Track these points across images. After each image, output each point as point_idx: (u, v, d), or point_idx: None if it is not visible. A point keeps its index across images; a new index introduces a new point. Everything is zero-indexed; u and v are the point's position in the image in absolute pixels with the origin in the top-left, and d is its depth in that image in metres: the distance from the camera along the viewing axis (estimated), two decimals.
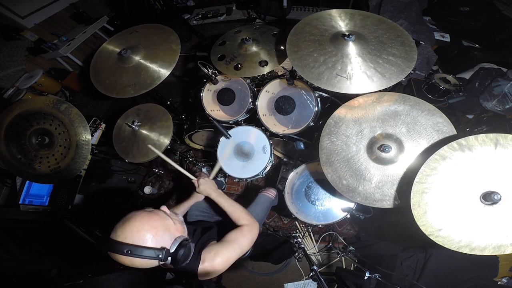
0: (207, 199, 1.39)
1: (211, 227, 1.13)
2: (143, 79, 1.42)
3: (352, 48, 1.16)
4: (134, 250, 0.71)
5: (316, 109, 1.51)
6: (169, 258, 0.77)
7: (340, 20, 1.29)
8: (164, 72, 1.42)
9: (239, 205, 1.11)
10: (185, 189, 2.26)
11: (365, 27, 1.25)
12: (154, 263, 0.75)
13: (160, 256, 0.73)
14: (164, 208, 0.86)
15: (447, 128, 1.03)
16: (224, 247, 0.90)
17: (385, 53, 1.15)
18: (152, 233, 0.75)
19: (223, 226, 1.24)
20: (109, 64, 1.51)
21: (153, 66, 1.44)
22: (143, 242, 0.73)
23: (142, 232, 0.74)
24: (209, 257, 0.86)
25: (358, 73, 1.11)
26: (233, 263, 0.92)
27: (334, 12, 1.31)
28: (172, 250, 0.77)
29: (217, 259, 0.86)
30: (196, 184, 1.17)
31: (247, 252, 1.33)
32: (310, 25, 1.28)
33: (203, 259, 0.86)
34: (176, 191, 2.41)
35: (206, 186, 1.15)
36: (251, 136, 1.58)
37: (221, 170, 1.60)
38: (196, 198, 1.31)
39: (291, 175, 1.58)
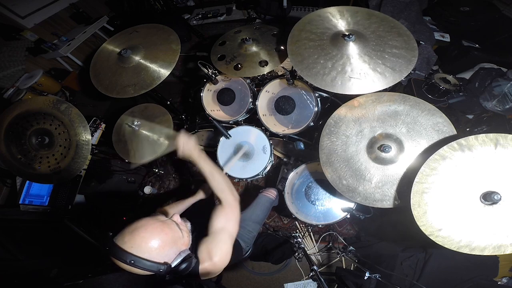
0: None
1: (201, 222, 1.09)
2: (143, 79, 1.42)
3: (355, 48, 1.16)
4: (136, 261, 0.70)
5: (316, 109, 1.51)
6: (169, 272, 0.76)
7: (333, 19, 1.28)
8: (164, 72, 1.42)
9: (223, 175, 1.00)
10: (186, 189, 2.26)
11: (358, 24, 1.25)
12: (150, 273, 0.74)
13: (161, 270, 0.73)
14: (176, 218, 0.84)
15: (447, 128, 1.03)
16: (215, 241, 0.86)
17: (387, 47, 1.15)
18: (160, 247, 0.74)
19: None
20: (109, 64, 1.51)
21: (153, 66, 1.44)
22: (148, 255, 0.72)
23: (149, 244, 0.72)
24: (206, 257, 0.84)
25: (370, 72, 1.11)
26: (234, 263, 0.91)
27: (324, 12, 1.30)
28: (173, 265, 0.76)
29: (214, 257, 0.84)
30: (179, 143, 1.00)
31: (247, 252, 1.33)
32: (305, 31, 1.27)
33: (201, 259, 0.85)
34: (176, 191, 2.41)
35: (188, 146, 0.99)
36: (251, 136, 1.58)
37: (221, 170, 1.61)
38: (199, 196, 1.30)
39: (291, 175, 1.58)
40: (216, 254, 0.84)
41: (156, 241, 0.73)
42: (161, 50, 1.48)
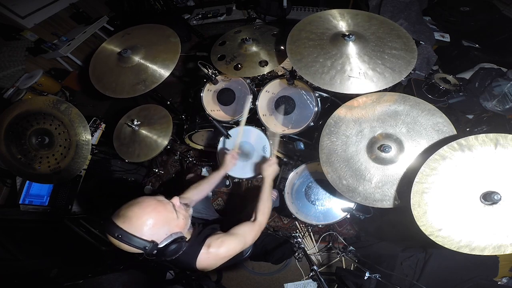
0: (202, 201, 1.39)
1: (213, 223, 1.14)
2: (152, 74, 1.41)
3: (355, 48, 1.16)
4: (124, 235, 0.72)
5: (316, 109, 1.51)
6: (155, 251, 0.77)
7: (333, 21, 1.28)
8: (170, 64, 1.41)
9: (271, 203, 1.16)
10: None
11: (358, 25, 1.25)
12: (136, 251, 0.75)
13: (147, 248, 0.74)
14: (175, 200, 0.87)
15: (447, 128, 1.03)
16: (231, 237, 0.92)
17: (387, 48, 1.15)
18: (150, 224, 0.75)
19: (222, 224, 1.23)
20: (110, 67, 1.50)
21: (158, 61, 1.43)
22: (137, 231, 0.73)
23: (140, 221, 0.74)
24: (215, 243, 0.88)
25: (369, 72, 1.11)
26: (233, 263, 0.92)
27: (325, 14, 1.30)
28: (161, 245, 0.77)
29: (223, 246, 0.88)
30: (272, 162, 1.23)
31: (247, 252, 1.33)
32: (305, 31, 1.27)
33: (209, 244, 0.88)
34: (176, 191, 2.40)
35: (274, 171, 1.21)
36: (251, 136, 1.58)
37: None
38: (223, 171, 1.31)
39: (291, 175, 1.58)
40: (226, 245, 0.89)
41: (148, 219, 0.75)
42: (161, 44, 1.48)
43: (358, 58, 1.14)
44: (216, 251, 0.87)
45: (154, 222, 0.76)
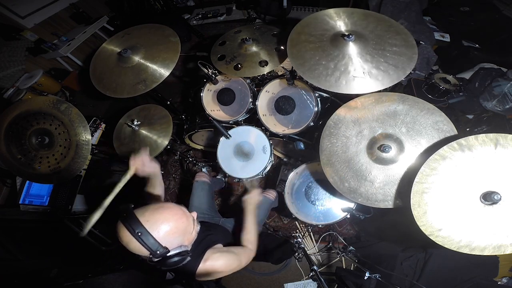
0: (208, 201, 1.42)
1: (214, 229, 1.15)
2: (152, 74, 1.41)
3: (356, 48, 1.16)
4: (144, 234, 0.71)
5: (316, 109, 1.51)
6: (159, 258, 0.76)
7: (330, 21, 1.28)
8: (170, 64, 1.41)
9: (257, 229, 1.16)
10: (185, 190, 2.26)
11: (356, 24, 1.25)
12: (145, 252, 0.74)
13: (158, 252, 0.73)
14: (194, 214, 0.88)
15: (447, 126, 1.03)
16: (230, 254, 0.94)
17: (388, 45, 1.15)
18: (171, 231, 0.76)
19: (222, 229, 1.25)
20: (110, 67, 1.50)
21: (158, 61, 1.43)
22: (158, 233, 0.73)
23: (164, 225, 0.74)
24: (213, 257, 0.89)
25: (373, 70, 1.11)
26: None
27: (321, 14, 1.30)
28: (169, 254, 0.77)
29: (220, 260, 0.89)
30: (253, 194, 1.24)
31: None
32: (304, 33, 1.27)
33: (207, 257, 0.88)
34: (176, 191, 2.41)
35: (257, 199, 1.23)
36: (251, 136, 1.58)
37: (221, 170, 1.61)
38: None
39: (291, 175, 1.58)
40: (223, 260, 0.90)
41: (171, 225, 0.75)
42: (161, 44, 1.48)
43: (360, 58, 1.14)
44: (213, 264, 0.88)
45: (175, 230, 0.76)
